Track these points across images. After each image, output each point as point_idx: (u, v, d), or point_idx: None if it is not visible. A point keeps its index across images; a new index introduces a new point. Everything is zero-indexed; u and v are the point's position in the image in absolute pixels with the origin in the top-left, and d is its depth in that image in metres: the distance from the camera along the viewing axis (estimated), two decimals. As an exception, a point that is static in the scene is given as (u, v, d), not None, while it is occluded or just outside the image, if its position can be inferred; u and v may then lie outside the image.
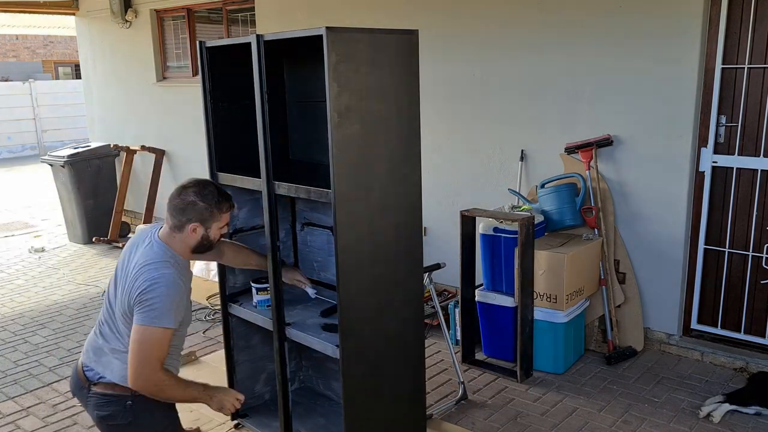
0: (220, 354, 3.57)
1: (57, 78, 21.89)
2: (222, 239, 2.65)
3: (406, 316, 2.74)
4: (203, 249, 2.49)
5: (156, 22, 7.17)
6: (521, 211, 4.00)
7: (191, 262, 2.75)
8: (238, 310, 3.15)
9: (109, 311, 2.42)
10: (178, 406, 2.54)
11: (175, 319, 2.31)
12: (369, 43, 2.41)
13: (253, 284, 3.03)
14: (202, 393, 2.44)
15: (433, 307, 3.72)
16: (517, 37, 4.35)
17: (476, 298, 4.03)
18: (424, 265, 2.92)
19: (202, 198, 2.42)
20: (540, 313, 3.85)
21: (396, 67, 2.51)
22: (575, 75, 4.13)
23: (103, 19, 7.59)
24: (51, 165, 7.16)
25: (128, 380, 2.29)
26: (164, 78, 7.25)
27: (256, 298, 3.02)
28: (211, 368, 4.05)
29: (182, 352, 4.25)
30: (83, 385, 2.41)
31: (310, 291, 3.04)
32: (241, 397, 2.52)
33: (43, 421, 3.54)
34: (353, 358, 2.56)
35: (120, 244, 6.96)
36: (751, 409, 3.37)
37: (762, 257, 3.82)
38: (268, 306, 2.95)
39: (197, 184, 2.46)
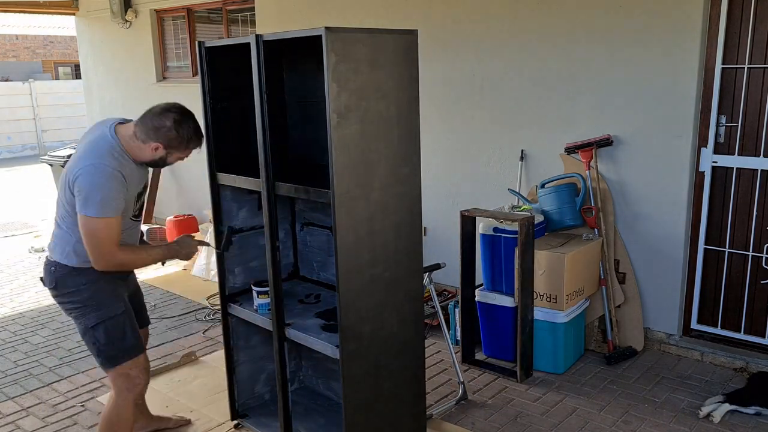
0: (220, 354, 3.57)
1: (57, 78, 21.90)
2: (154, 227, 2.93)
3: (406, 316, 2.74)
4: (154, 165, 2.74)
5: (156, 22, 7.17)
6: (521, 211, 4.00)
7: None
8: (237, 311, 3.15)
9: (60, 189, 2.65)
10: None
11: (116, 208, 2.51)
12: (369, 43, 2.41)
13: (254, 287, 3.00)
14: (166, 250, 2.78)
15: (433, 307, 3.72)
16: (517, 37, 4.35)
17: (476, 298, 4.03)
18: (424, 265, 2.92)
19: (177, 127, 2.60)
20: (540, 313, 3.85)
21: (396, 67, 2.51)
22: (575, 75, 4.13)
23: (103, 19, 7.59)
24: (51, 165, 7.16)
25: (93, 264, 2.56)
26: (164, 78, 7.25)
27: (257, 301, 2.98)
28: (211, 368, 4.05)
29: (182, 352, 4.28)
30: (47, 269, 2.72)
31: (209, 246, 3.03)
32: (196, 240, 2.86)
33: (43, 421, 3.54)
34: (353, 358, 2.56)
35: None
36: (751, 409, 3.37)
37: (762, 257, 3.82)
38: (269, 310, 2.93)
39: (180, 112, 2.64)
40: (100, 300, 2.67)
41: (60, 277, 2.67)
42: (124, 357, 2.72)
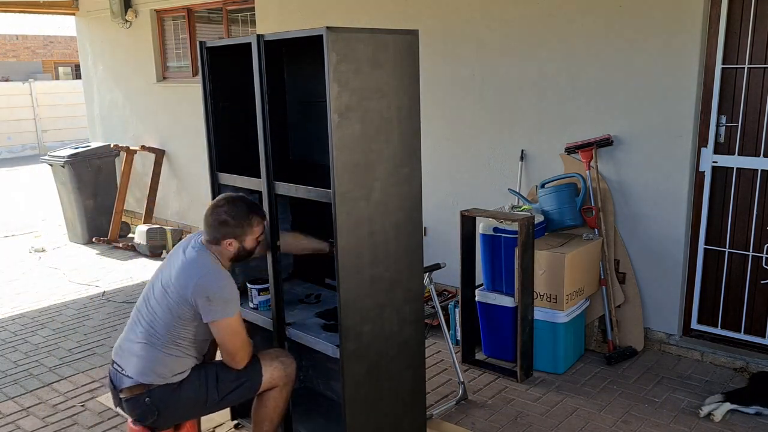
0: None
1: (57, 78, 21.91)
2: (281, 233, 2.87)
3: (406, 316, 2.74)
4: (242, 258, 2.72)
5: (156, 22, 7.17)
6: (521, 211, 4.00)
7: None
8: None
9: (149, 309, 2.59)
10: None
11: (239, 304, 2.57)
12: (369, 43, 2.41)
13: (250, 285, 3.01)
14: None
15: (433, 307, 3.72)
16: (517, 37, 4.35)
17: (476, 298, 4.03)
18: (424, 265, 2.92)
19: (233, 216, 2.62)
20: (540, 313, 3.85)
21: (396, 67, 2.51)
22: (575, 75, 4.13)
23: (103, 19, 7.59)
24: (51, 165, 7.16)
25: (234, 366, 2.60)
26: (164, 78, 7.26)
27: (257, 299, 2.99)
28: (211, 368, 4.04)
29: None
30: (115, 393, 2.62)
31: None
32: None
33: (43, 421, 3.54)
34: (353, 358, 2.57)
35: (120, 245, 6.97)
36: (752, 409, 3.38)
37: (762, 257, 3.82)
38: (269, 306, 2.94)
39: (228, 202, 2.65)
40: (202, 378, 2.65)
41: (163, 402, 2.55)
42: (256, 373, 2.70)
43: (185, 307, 2.52)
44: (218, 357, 2.79)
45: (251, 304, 3.02)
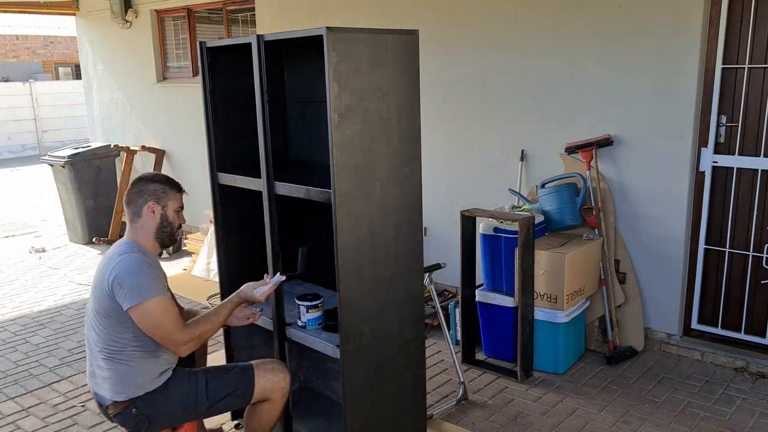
0: (221, 354, 3.56)
1: (57, 78, 21.90)
2: (186, 309, 2.79)
3: (406, 316, 2.74)
4: (166, 234, 2.60)
5: (156, 22, 7.17)
6: (521, 211, 4.00)
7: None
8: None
9: (90, 325, 2.53)
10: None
11: (161, 286, 2.44)
12: (369, 44, 2.41)
13: (299, 302, 2.82)
14: (231, 306, 2.66)
15: (434, 307, 3.72)
16: (517, 37, 4.35)
17: (476, 298, 4.03)
18: (425, 265, 2.92)
19: (152, 179, 2.61)
20: (540, 313, 3.85)
21: (396, 67, 2.51)
22: (575, 75, 4.13)
23: (103, 19, 7.59)
24: (51, 165, 7.16)
25: (175, 353, 2.47)
26: (164, 78, 7.26)
27: (306, 316, 2.80)
28: (211, 368, 4.04)
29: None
30: (103, 410, 2.58)
31: (277, 278, 2.74)
32: (256, 284, 2.70)
33: (43, 421, 3.54)
34: (353, 358, 2.56)
35: (120, 245, 6.96)
36: None
37: (762, 257, 3.82)
38: (319, 324, 2.79)
39: (147, 173, 2.69)
40: (192, 379, 2.59)
41: (151, 409, 2.49)
42: (248, 378, 2.63)
43: (107, 301, 2.41)
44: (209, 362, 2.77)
45: (299, 322, 2.83)
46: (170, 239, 2.63)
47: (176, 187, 2.65)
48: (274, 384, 2.65)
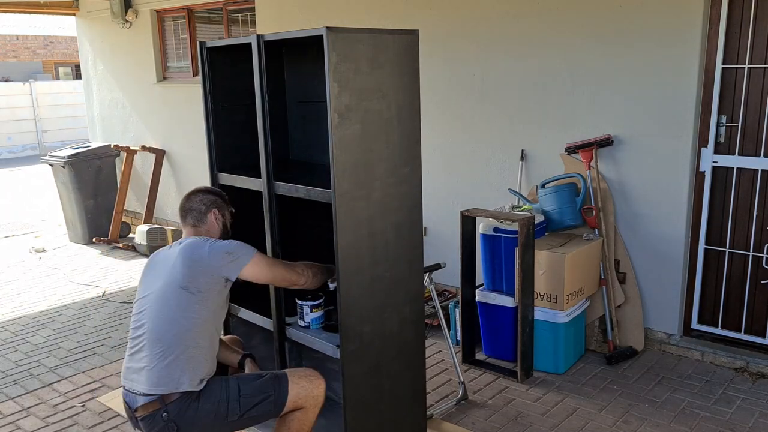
0: (221, 354, 3.57)
1: (57, 78, 21.91)
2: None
3: (406, 316, 2.74)
4: (226, 236, 2.71)
5: (156, 23, 7.17)
6: (521, 211, 4.00)
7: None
8: (237, 310, 3.14)
9: (149, 324, 2.45)
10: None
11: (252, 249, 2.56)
12: (369, 43, 2.41)
13: (300, 302, 2.80)
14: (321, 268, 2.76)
15: (434, 307, 3.72)
16: (517, 37, 4.35)
17: (476, 298, 4.03)
18: (425, 265, 2.92)
19: (208, 191, 2.74)
20: (540, 313, 3.85)
21: (396, 67, 2.51)
22: (575, 75, 4.13)
23: (103, 19, 7.59)
24: (51, 165, 7.16)
25: (306, 286, 2.65)
26: (164, 78, 7.26)
27: (309, 316, 2.78)
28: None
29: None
30: (131, 415, 2.49)
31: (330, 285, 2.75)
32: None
33: (43, 421, 3.54)
34: (353, 358, 2.56)
35: (120, 245, 6.97)
36: None
37: (762, 257, 3.82)
38: (322, 323, 2.79)
39: (201, 188, 2.74)
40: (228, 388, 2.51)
41: (181, 416, 2.40)
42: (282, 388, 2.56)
43: (205, 275, 2.44)
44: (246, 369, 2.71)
45: (302, 323, 2.81)
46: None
47: (228, 200, 2.77)
48: (308, 391, 2.56)
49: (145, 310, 2.49)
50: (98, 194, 7.21)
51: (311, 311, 2.78)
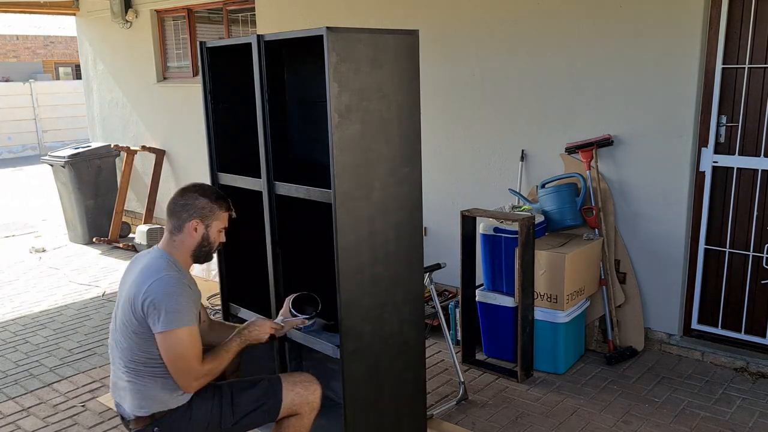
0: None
1: (57, 78, 21.91)
2: (213, 320, 2.67)
3: (406, 316, 2.74)
4: (203, 253, 2.49)
5: (156, 23, 7.17)
6: (522, 211, 4.00)
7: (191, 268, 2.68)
8: (237, 310, 3.15)
9: (116, 337, 2.40)
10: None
11: (194, 316, 2.32)
12: (370, 43, 2.41)
13: (297, 313, 2.67)
14: (241, 342, 2.47)
15: (434, 307, 3.72)
16: (517, 37, 4.35)
17: (476, 298, 4.03)
18: (425, 265, 2.92)
19: (202, 193, 2.47)
20: (540, 313, 3.85)
21: (397, 67, 2.51)
22: (575, 75, 4.13)
23: (103, 19, 7.59)
24: (51, 165, 7.16)
25: (181, 389, 2.34)
26: (164, 78, 7.26)
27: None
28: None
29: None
30: (125, 424, 2.46)
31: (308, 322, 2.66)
32: (271, 322, 2.56)
33: (43, 421, 3.54)
34: (353, 358, 2.56)
35: (120, 245, 6.97)
36: None
37: (762, 257, 3.82)
38: (315, 328, 2.74)
39: (197, 184, 2.52)
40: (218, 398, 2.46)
41: (173, 428, 2.38)
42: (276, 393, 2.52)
43: (138, 319, 2.28)
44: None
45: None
46: (206, 258, 2.51)
47: (225, 206, 2.50)
48: (303, 398, 2.52)
49: (113, 335, 2.42)
50: (98, 194, 7.20)
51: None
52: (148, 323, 2.27)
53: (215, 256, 2.88)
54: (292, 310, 2.64)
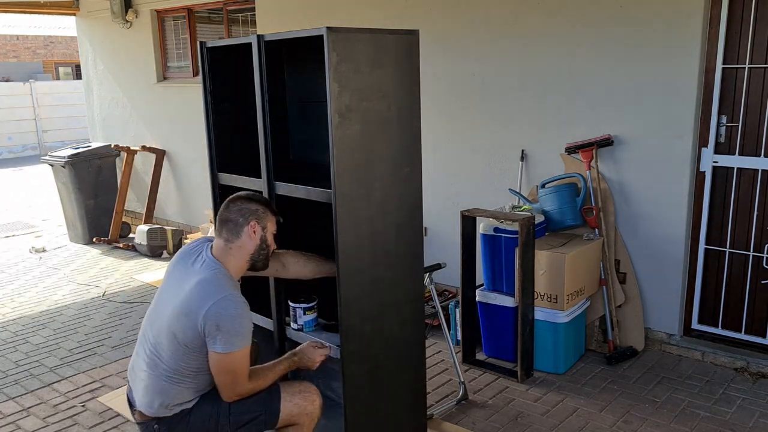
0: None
1: (58, 78, 21.92)
2: (280, 251, 2.66)
3: (406, 316, 2.74)
4: (261, 257, 2.49)
5: (156, 23, 7.17)
6: (522, 211, 4.00)
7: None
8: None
9: (153, 332, 2.41)
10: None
11: (251, 336, 2.36)
12: (370, 43, 2.41)
13: (293, 304, 2.77)
14: (288, 364, 2.55)
15: (434, 307, 3.72)
16: (517, 38, 4.35)
17: (477, 298, 4.03)
18: (425, 265, 2.92)
19: (252, 199, 2.50)
20: (540, 313, 3.85)
21: (397, 67, 2.51)
22: (576, 75, 4.13)
23: (103, 19, 7.59)
24: (51, 165, 7.16)
25: (227, 399, 2.40)
26: (165, 78, 7.26)
27: (303, 318, 2.76)
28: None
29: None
30: (132, 411, 2.50)
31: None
32: (322, 348, 2.60)
33: (43, 421, 3.54)
34: (353, 358, 2.56)
35: (120, 245, 6.97)
36: None
37: (762, 257, 3.82)
38: (315, 326, 2.77)
39: (241, 193, 2.54)
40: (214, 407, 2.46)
41: (171, 430, 2.42)
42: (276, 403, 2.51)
43: (193, 333, 2.29)
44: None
45: (295, 326, 2.80)
46: (263, 264, 2.52)
47: (274, 211, 2.53)
48: (302, 408, 2.50)
49: (151, 328, 2.43)
50: (98, 194, 7.21)
51: (305, 314, 2.76)
52: (205, 339, 2.29)
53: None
54: (291, 304, 2.73)
